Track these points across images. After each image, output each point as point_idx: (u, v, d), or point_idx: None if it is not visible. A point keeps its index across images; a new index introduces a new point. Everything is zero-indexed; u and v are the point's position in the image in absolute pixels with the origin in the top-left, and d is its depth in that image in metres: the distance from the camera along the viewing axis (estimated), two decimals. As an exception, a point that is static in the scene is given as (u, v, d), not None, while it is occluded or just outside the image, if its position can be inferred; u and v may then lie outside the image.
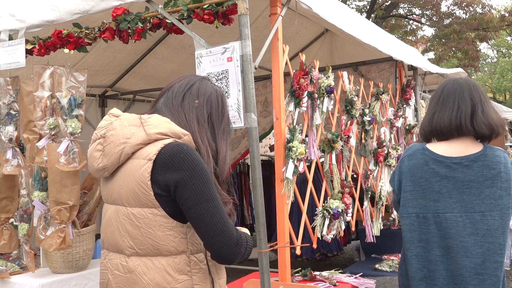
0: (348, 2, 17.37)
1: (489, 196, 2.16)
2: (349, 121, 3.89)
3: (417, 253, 2.22)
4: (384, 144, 4.36)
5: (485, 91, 2.32)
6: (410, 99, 5.01)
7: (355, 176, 4.30)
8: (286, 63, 3.05)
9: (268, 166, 7.69)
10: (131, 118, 1.62)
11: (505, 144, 8.16)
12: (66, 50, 3.14)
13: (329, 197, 3.52)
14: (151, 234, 1.51)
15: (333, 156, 3.56)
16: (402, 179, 2.29)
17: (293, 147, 2.92)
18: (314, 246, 3.36)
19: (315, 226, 3.34)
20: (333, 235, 3.41)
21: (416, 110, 5.31)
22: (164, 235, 1.52)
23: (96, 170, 1.62)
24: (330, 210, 3.34)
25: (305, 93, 3.16)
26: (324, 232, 3.32)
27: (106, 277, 1.63)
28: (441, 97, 2.28)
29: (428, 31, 39.51)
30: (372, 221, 4.20)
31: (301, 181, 3.77)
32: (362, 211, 4.13)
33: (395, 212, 4.65)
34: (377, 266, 4.09)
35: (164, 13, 2.77)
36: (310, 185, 3.34)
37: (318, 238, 3.33)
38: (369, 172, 4.24)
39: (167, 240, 1.52)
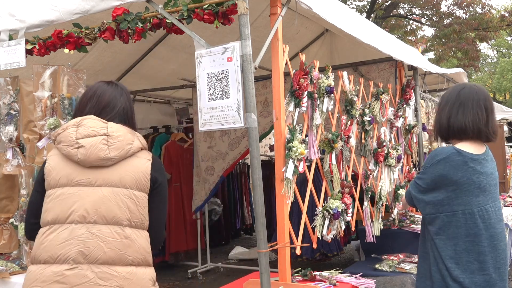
0: (348, 2, 17.37)
1: (496, 186, 2.50)
2: (349, 121, 3.89)
3: (466, 247, 2.39)
4: (384, 144, 4.36)
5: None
6: (410, 99, 5.01)
7: (355, 176, 4.30)
8: (286, 63, 3.05)
9: (268, 166, 7.68)
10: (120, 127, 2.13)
11: (505, 144, 8.15)
12: (66, 50, 3.14)
13: (329, 197, 3.52)
14: (143, 211, 2.04)
15: (333, 156, 3.56)
16: (440, 180, 2.43)
17: (293, 147, 2.92)
18: (314, 246, 3.36)
19: (315, 226, 3.33)
20: (333, 235, 3.41)
21: (416, 110, 5.31)
22: (147, 214, 2.08)
23: (101, 159, 2.00)
24: (330, 210, 3.33)
25: (305, 93, 3.15)
26: (324, 232, 3.32)
27: (90, 244, 1.91)
28: (457, 101, 2.49)
29: (428, 31, 39.47)
30: (372, 221, 4.20)
31: (301, 181, 3.76)
32: (362, 211, 4.13)
33: (395, 212, 4.64)
34: (377, 266, 4.09)
35: (164, 13, 2.77)
36: (310, 185, 3.33)
37: (318, 238, 3.32)
38: (369, 172, 4.23)
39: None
